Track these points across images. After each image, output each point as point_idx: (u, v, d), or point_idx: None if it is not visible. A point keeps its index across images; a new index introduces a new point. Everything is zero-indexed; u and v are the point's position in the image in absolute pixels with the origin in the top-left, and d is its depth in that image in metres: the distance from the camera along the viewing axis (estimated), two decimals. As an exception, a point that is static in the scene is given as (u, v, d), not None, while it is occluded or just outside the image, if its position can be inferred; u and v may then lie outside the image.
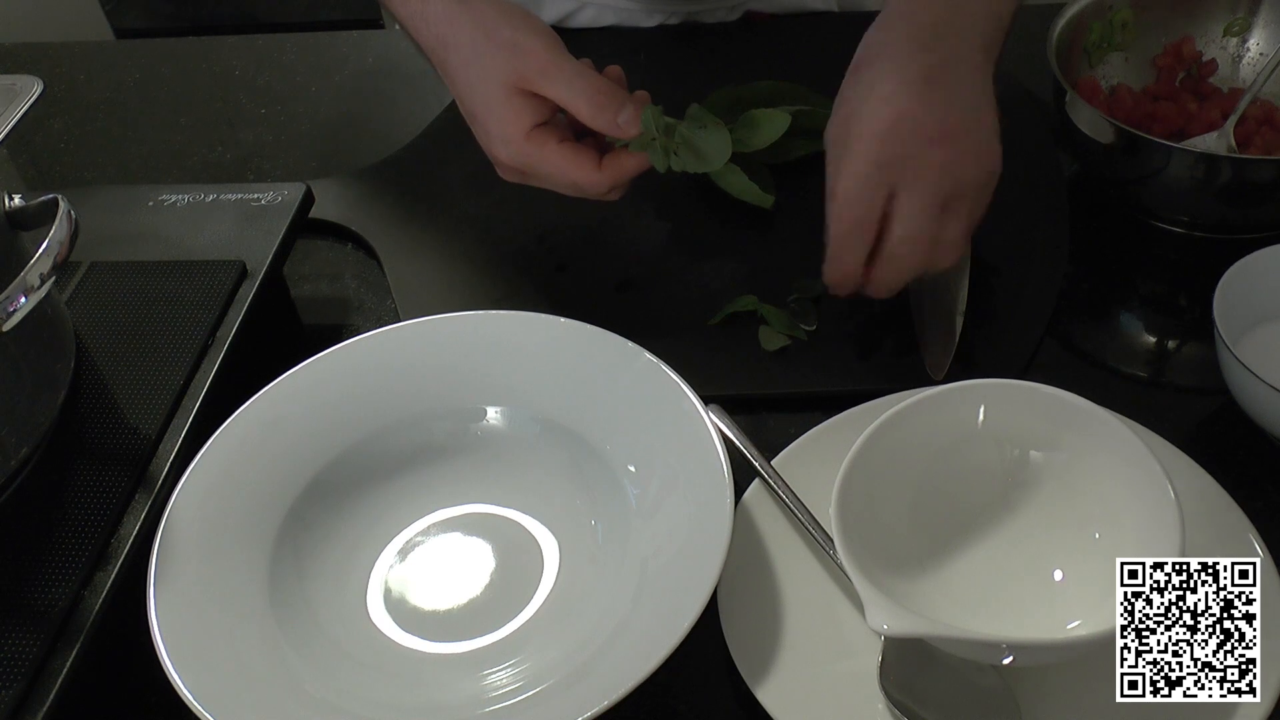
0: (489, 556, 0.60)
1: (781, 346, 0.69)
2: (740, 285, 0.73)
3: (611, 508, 0.60)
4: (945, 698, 0.52)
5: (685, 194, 0.80)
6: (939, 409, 0.57)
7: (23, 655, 0.51)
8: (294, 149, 0.91)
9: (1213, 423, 0.65)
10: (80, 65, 1.02)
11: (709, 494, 0.55)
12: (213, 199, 0.75)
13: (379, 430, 0.63)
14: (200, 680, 0.51)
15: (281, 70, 0.99)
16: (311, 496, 0.61)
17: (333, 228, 0.81)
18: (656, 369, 0.61)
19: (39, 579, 0.54)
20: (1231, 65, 0.82)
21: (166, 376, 0.63)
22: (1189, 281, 0.73)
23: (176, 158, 0.91)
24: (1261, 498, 0.59)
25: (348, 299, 0.77)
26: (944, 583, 0.56)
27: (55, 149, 0.93)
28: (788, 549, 0.59)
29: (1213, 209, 0.72)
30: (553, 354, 0.64)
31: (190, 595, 0.55)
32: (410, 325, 0.66)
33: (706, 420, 0.58)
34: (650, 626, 0.52)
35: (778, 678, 0.53)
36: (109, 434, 0.61)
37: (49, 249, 0.54)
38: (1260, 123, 0.76)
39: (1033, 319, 0.70)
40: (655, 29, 0.97)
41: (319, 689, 0.54)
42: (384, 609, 0.58)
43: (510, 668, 0.55)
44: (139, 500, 0.58)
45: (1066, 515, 0.56)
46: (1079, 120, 0.73)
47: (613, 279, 0.75)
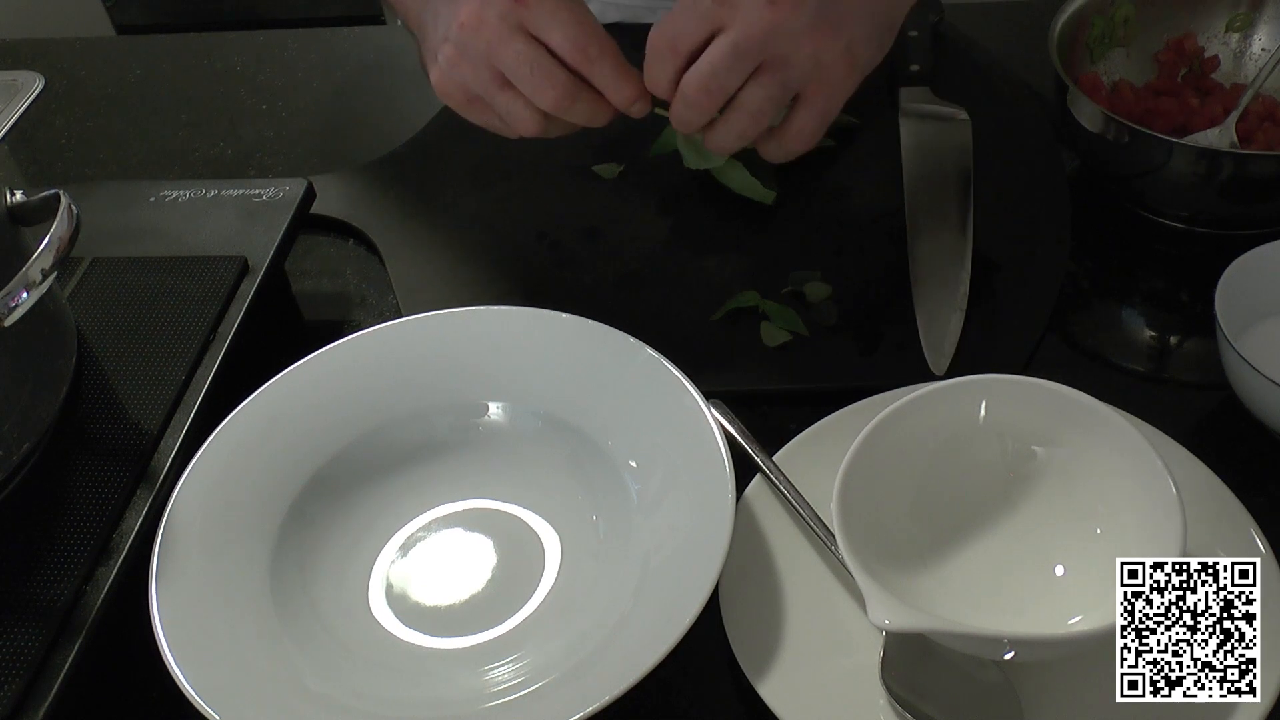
0: (490, 552, 0.60)
1: (783, 342, 0.69)
2: (742, 281, 0.73)
3: (613, 503, 0.60)
4: (946, 693, 0.52)
5: (687, 190, 0.80)
6: (940, 404, 0.57)
7: (25, 651, 0.51)
8: (295, 145, 0.91)
9: (1214, 418, 0.65)
10: (82, 61, 1.02)
11: (710, 489, 0.55)
12: (214, 195, 0.75)
13: (380, 426, 0.63)
14: (202, 675, 0.51)
15: (283, 66, 0.99)
16: (313, 492, 0.61)
17: (334, 223, 0.81)
18: (658, 364, 0.61)
19: (41, 574, 0.54)
20: (1234, 61, 0.81)
21: (168, 372, 0.63)
22: (1191, 277, 0.73)
23: (178, 154, 0.91)
24: (1263, 493, 0.59)
25: (349, 294, 0.78)
26: (945, 578, 0.56)
27: (57, 145, 0.93)
28: (789, 544, 0.59)
29: (1214, 204, 0.72)
30: (554, 349, 0.64)
31: (192, 590, 0.55)
32: (411, 321, 0.66)
33: (708, 416, 0.58)
34: (652, 622, 0.52)
35: (779, 673, 0.53)
36: (111, 429, 0.62)
37: (50, 244, 0.54)
38: (1262, 118, 0.76)
39: (1034, 314, 0.70)
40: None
41: (320, 684, 0.54)
42: (385, 604, 0.58)
43: (512, 663, 0.55)
44: (141, 495, 0.58)
45: (1068, 510, 0.56)
46: (1080, 116, 0.73)
47: (614, 274, 0.75)
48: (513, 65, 0.61)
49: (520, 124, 0.63)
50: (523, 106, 0.62)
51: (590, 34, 0.61)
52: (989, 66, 0.89)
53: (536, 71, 0.61)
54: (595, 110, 0.63)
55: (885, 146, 0.81)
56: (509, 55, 0.61)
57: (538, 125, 0.63)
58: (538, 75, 0.61)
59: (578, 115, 0.63)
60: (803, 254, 0.75)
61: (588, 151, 0.84)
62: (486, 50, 0.61)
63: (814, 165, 0.81)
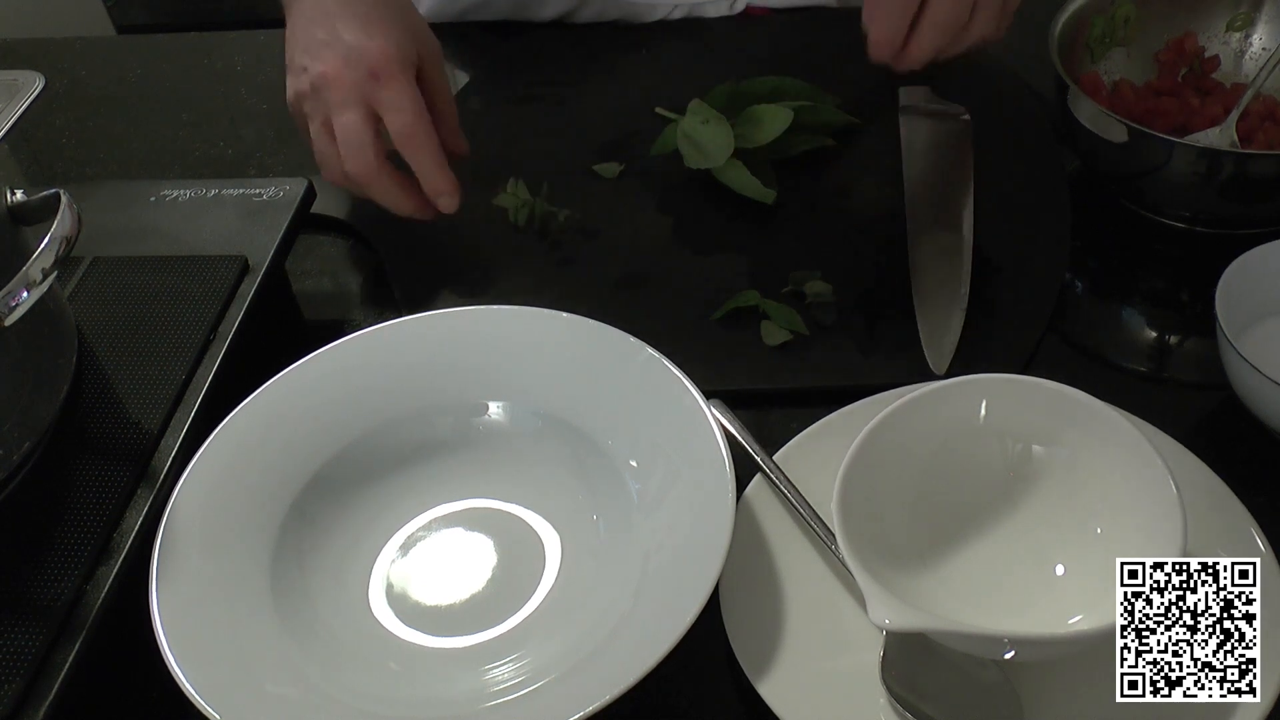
0: (491, 551, 0.60)
1: (783, 342, 0.69)
2: (742, 280, 0.73)
3: (613, 503, 0.60)
4: (947, 692, 0.52)
5: (687, 189, 0.80)
6: (941, 404, 0.57)
7: (25, 650, 0.51)
8: (296, 144, 0.90)
9: (1215, 418, 0.65)
10: (82, 61, 1.02)
11: (711, 489, 0.55)
12: (215, 194, 0.75)
13: (381, 425, 0.63)
14: (202, 674, 0.51)
15: (283, 66, 0.99)
16: (313, 491, 0.61)
17: (335, 223, 0.81)
18: (658, 364, 0.61)
19: (41, 574, 0.54)
20: (1234, 60, 0.81)
21: (169, 371, 0.63)
22: (1191, 277, 0.73)
23: (178, 153, 0.91)
24: (1264, 492, 0.59)
25: (349, 294, 0.78)
26: (946, 577, 0.56)
27: (57, 144, 0.93)
28: (789, 544, 0.59)
29: (1215, 204, 0.72)
30: (555, 349, 0.64)
31: (192, 590, 0.55)
32: (412, 320, 0.66)
33: (708, 415, 0.58)
34: (652, 621, 0.52)
35: (779, 672, 0.53)
36: (111, 429, 0.62)
37: (51, 244, 0.54)
38: (1263, 118, 0.76)
39: (1034, 314, 0.70)
40: (656, 24, 0.97)
41: (321, 683, 0.54)
42: (386, 604, 0.58)
43: (512, 662, 0.55)
44: (141, 495, 0.58)
45: (1068, 510, 0.56)
46: (1081, 116, 0.73)
47: (615, 274, 0.75)
48: (342, 128, 0.70)
49: (326, 169, 0.73)
50: (335, 159, 0.71)
51: (422, 126, 0.71)
52: (989, 66, 0.89)
53: (356, 144, 0.70)
54: (395, 196, 0.72)
55: (885, 146, 0.81)
56: (343, 119, 0.70)
57: (339, 179, 0.72)
58: (356, 146, 0.70)
59: (374, 193, 0.72)
60: (803, 254, 0.75)
61: (588, 151, 0.84)
62: (329, 104, 0.70)
63: (814, 165, 0.81)
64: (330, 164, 0.72)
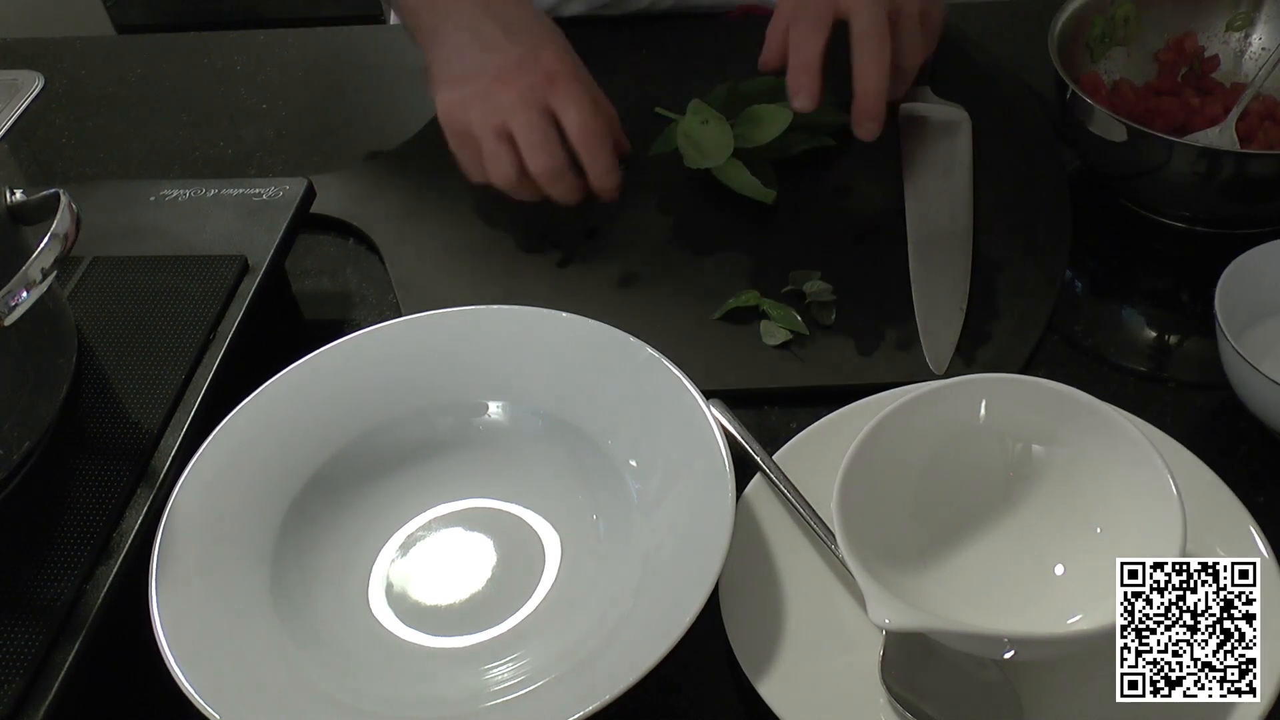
0: (490, 551, 0.60)
1: (783, 341, 0.69)
2: (742, 280, 0.73)
3: (613, 502, 0.60)
4: (947, 692, 0.52)
5: (687, 189, 0.80)
6: (941, 404, 0.57)
7: (25, 650, 0.51)
8: (295, 144, 0.91)
9: (1215, 417, 0.65)
10: (82, 61, 1.02)
11: (710, 488, 0.55)
12: (214, 194, 0.75)
13: (380, 425, 0.63)
14: (202, 674, 0.51)
15: (283, 66, 0.99)
16: (313, 491, 0.61)
17: (334, 223, 0.81)
18: (658, 364, 0.61)
19: (41, 574, 0.54)
20: (1234, 60, 0.82)
21: (168, 371, 0.63)
22: (1191, 276, 0.73)
23: (178, 153, 0.91)
24: (1263, 492, 0.59)
25: (349, 294, 0.77)
26: (946, 577, 0.56)
27: (57, 144, 0.93)
28: (789, 543, 0.59)
29: (1215, 204, 0.72)
30: (554, 349, 0.64)
31: (192, 589, 0.55)
32: (412, 320, 0.66)
33: (708, 415, 0.58)
34: (652, 621, 0.52)
35: (779, 672, 0.53)
36: (111, 428, 0.61)
37: (51, 244, 0.54)
38: (1262, 118, 0.76)
39: (1034, 314, 0.70)
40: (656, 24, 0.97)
41: (320, 683, 0.54)
42: (385, 603, 0.58)
43: (511, 662, 0.55)
44: (141, 495, 0.58)
45: (1068, 510, 0.56)
46: (1081, 115, 0.73)
47: (614, 274, 0.75)
48: (523, 128, 0.72)
49: (498, 173, 0.74)
50: (509, 160, 0.73)
51: (600, 124, 0.73)
52: (989, 66, 0.89)
53: (541, 141, 0.72)
54: (571, 190, 0.74)
55: (885, 146, 0.81)
56: (523, 120, 0.72)
57: (512, 181, 0.74)
58: (541, 144, 0.72)
59: (555, 189, 0.74)
60: (803, 254, 0.75)
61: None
62: (506, 107, 0.72)
63: (814, 165, 0.81)
64: (500, 162, 0.73)
